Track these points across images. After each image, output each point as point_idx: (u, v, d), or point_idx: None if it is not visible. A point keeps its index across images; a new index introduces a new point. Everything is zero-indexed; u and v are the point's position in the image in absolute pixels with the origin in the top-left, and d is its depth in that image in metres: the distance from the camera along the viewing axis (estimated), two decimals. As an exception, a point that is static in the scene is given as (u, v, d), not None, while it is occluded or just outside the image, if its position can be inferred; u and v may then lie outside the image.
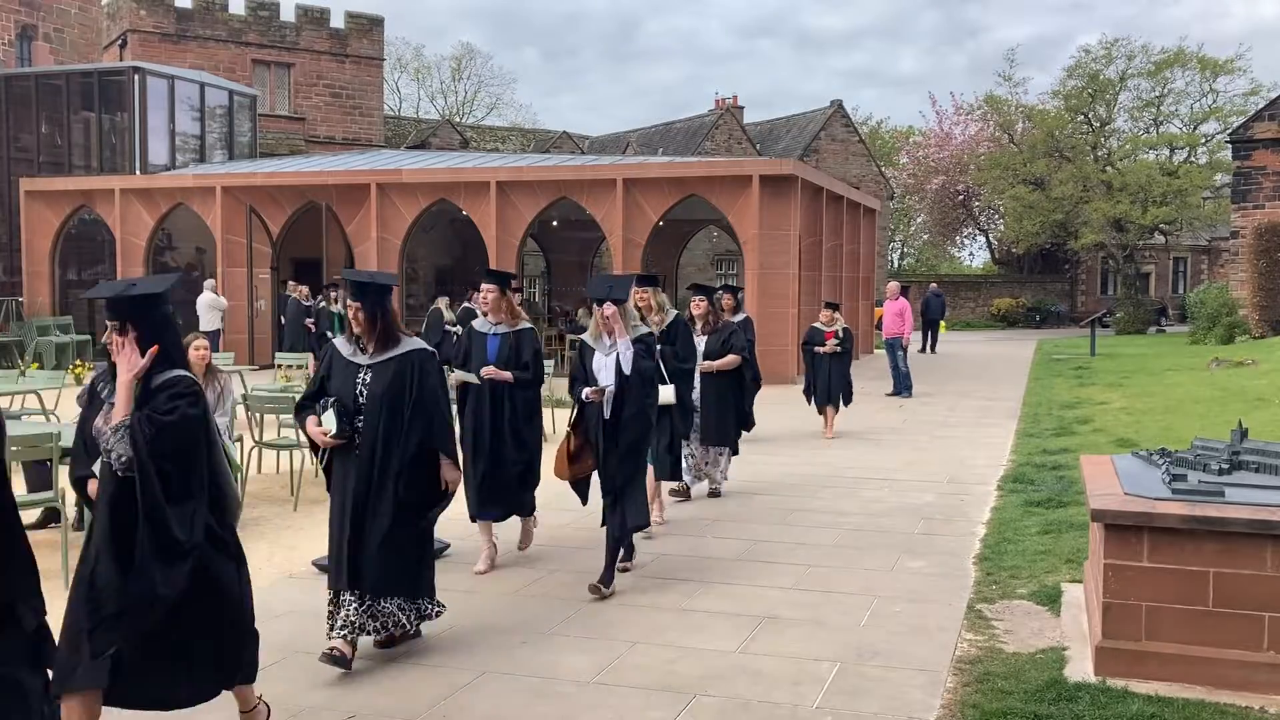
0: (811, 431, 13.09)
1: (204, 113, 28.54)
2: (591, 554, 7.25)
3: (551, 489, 9.50)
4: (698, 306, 9.07)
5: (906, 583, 6.55)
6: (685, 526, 8.11)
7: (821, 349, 12.82)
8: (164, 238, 24.73)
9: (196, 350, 8.00)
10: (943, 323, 32.46)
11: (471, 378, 6.84)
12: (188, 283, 23.16)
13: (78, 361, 19.98)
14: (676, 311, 8.11)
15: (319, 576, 6.72)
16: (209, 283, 21.56)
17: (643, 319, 7.60)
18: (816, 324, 13.28)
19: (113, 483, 3.78)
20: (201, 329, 19.36)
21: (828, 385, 12.87)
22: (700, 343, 8.86)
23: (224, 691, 4.09)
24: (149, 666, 3.77)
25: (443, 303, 17.35)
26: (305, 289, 20.27)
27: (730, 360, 8.94)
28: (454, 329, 15.96)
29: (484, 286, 7.10)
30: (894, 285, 18.34)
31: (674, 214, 21.06)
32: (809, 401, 13.09)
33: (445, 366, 6.36)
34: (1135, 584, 4.84)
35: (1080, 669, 4.98)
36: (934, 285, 33.04)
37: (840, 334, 12.88)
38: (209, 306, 20.89)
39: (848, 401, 13.13)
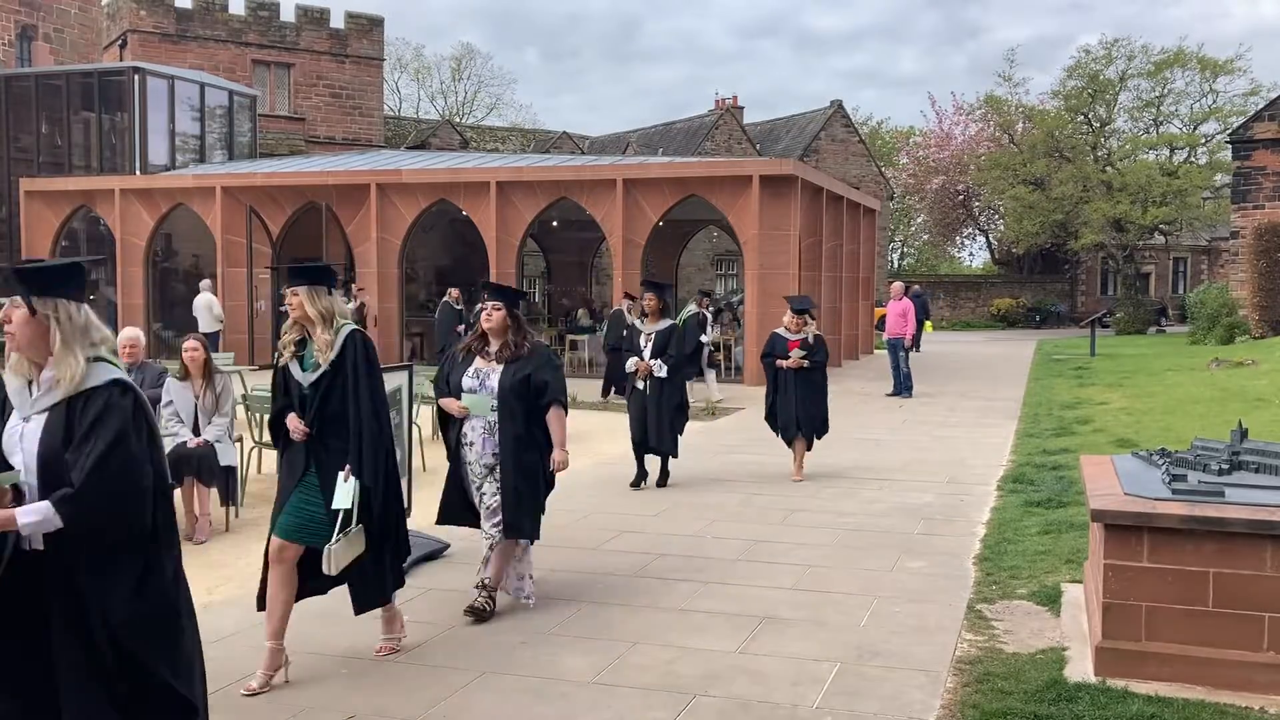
0: (782, 465, 10.37)
1: (204, 113, 28.54)
2: (593, 553, 7.26)
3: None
4: (489, 317, 5.91)
5: (906, 583, 6.55)
6: (685, 526, 8.10)
7: (784, 363, 9.98)
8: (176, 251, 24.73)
9: (187, 352, 8.00)
10: (929, 322, 32.67)
11: None
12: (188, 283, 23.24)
13: (78, 361, 19.93)
14: (355, 326, 5.11)
15: (319, 576, 6.72)
16: (205, 283, 21.53)
17: (307, 337, 5.03)
18: (779, 329, 10.26)
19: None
20: (201, 330, 19.34)
21: (793, 410, 9.99)
22: (490, 375, 5.88)
23: None
24: None
25: (625, 304, 17.29)
26: (457, 291, 19.71)
27: (553, 421, 5.86)
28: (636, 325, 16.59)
29: None
30: (898, 285, 18.36)
31: (674, 214, 21.05)
32: (775, 431, 10.31)
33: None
34: (1135, 584, 4.84)
35: (1080, 669, 4.98)
36: (916, 286, 33.24)
37: (809, 343, 10.02)
38: (205, 308, 20.89)
39: (820, 433, 10.28)
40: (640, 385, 9.60)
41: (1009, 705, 4.57)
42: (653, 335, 9.57)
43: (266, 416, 9.52)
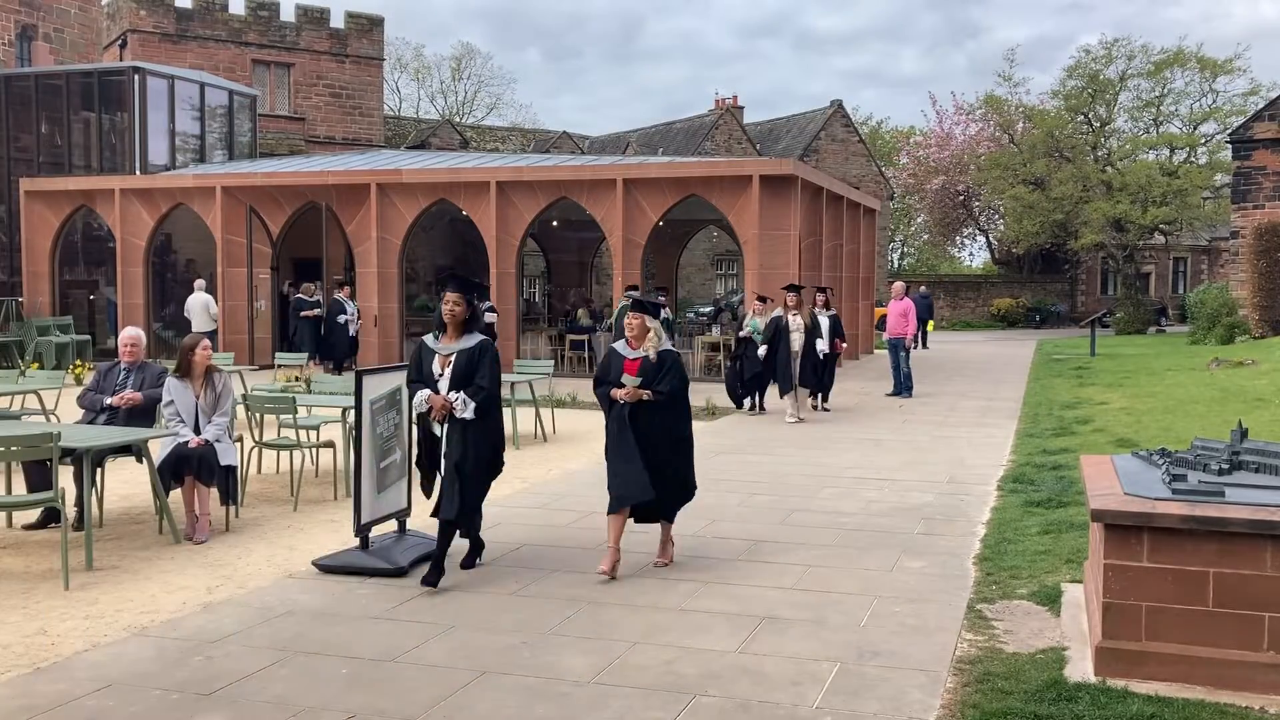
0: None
1: (204, 113, 28.53)
2: (593, 553, 7.25)
3: (550, 485, 9.51)
4: None
5: (906, 583, 6.55)
6: (684, 526, 8.10)
7: (618, 394, 6.65)
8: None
9: (203, 349, 8.04)
10: (931, 322, 33.16)
11: None
12: (183, 282, 23.23)
13: (78, 361, 19.98)
14: None
15: (320, 576, 6.73)
16: (200, 283, 21.51)
17: None
18: (618, 344, 6.95)
19: None
20: (196, 329, 19.33)
21: (633, 465, 6.56)
22: None
23: None
24: None
25: (823, 295, 15.85)
26: (635, 292, 18.97)
27: None
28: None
29: None
30: (899, 285, 18.34)
31: (674, 214, 21.05)
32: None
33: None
34: (1135, 584, 4.83)
35: (1080, 669, 4.98)
36: (923, 287, 33.98)
37: (651, 363, 6.69)
38: (203, 308, 20.86)
39: (677, 500, 6.92)
40: (436, 431, 6.59)
41: (1009, 705, 4.57)
42: (453, 357, 6.54)
43: (267, 416, 9.54)
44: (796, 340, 14.29)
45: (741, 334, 15.29)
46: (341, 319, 20.30)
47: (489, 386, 6.55)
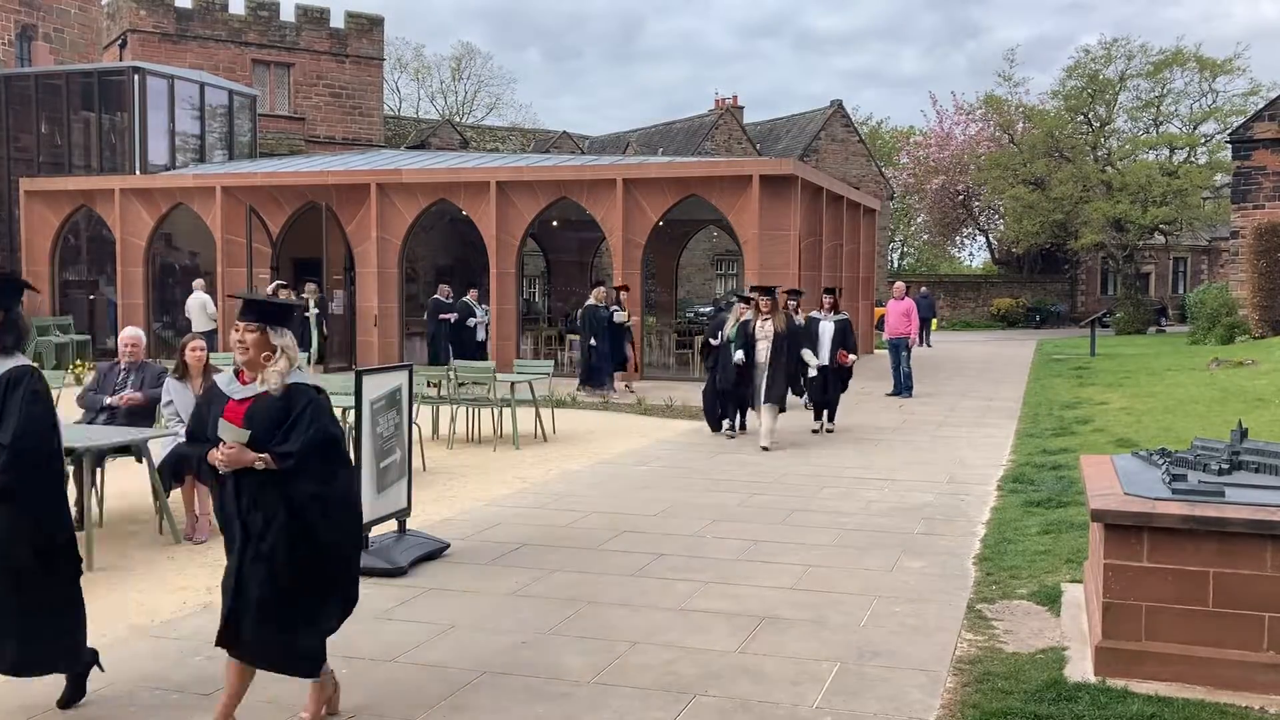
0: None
1: (204, 113, 28.53)
2: (593, 553, 7.26)
3: (550, 485, 9.51)
4: None
5: (906, 583, 6.55)
6: (685, 526, 8.10)
7: (216, 456, 4.21)
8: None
9: (193, 351, 8.03)
10: (934, 320, 33.44)
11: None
12: (183, 283, 23.24)
13: (78, 361, 19.97)
14: None
15: (319, 576, 6.72)
16: (199, 283, 21.50)
17: None
18: (220, 377, 4.50)
19: None
20: (195, 330, 19.31)
21: (234, 583, 4.34)
22: None
23: None
24: None
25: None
26: (831, 299, 14.83)
27: None
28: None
29: None
30: (900, 285, 18.33)
31: (674, 214, 21.04)
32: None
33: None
34: (1135, 584, 4.84)
35: (1080, 669, 4.98)
36: (924, 288, 34.35)
37: (273, 405, 4.20)
38: (200, 308, 20.87)
39: (299, 663, 4.37)
40: None
41: (1009, 705, 4.57)
42: None
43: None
44: (763, 349, 12.02)
45: (715, 340, 13.02)
46: (471, 322, 20.28)
47: (14, 443, 4.17)
